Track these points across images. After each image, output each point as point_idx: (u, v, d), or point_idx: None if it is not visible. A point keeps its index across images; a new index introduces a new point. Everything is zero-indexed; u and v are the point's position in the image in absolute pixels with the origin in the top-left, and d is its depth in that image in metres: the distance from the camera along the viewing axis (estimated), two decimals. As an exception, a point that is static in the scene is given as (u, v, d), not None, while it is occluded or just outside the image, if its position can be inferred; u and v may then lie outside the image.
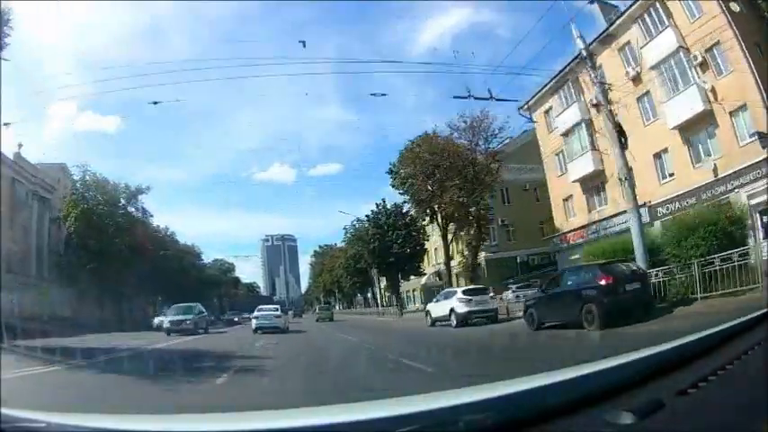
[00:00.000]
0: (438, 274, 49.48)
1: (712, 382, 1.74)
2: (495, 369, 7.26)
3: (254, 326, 23.98)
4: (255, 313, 25.44)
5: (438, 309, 21.65)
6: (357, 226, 49.03)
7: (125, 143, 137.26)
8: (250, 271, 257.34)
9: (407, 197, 36.78)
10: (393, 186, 36.98)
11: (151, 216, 46.78)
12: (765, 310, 2.57)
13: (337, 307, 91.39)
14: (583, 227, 30.75)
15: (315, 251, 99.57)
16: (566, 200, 33.03)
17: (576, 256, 32.60)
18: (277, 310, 26.69)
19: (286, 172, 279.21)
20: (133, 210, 44.40)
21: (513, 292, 30.88)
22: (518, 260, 41.29)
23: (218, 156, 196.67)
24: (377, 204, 44.73)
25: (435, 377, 7.01)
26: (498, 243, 42.13)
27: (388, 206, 43.94)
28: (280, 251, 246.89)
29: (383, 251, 42.04)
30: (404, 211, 43.03)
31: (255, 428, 1.61)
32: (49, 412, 1.68)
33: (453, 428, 1.40)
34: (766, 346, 2.19)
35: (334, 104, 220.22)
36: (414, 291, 58.66)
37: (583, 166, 29.93)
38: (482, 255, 40.80)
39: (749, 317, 2.55)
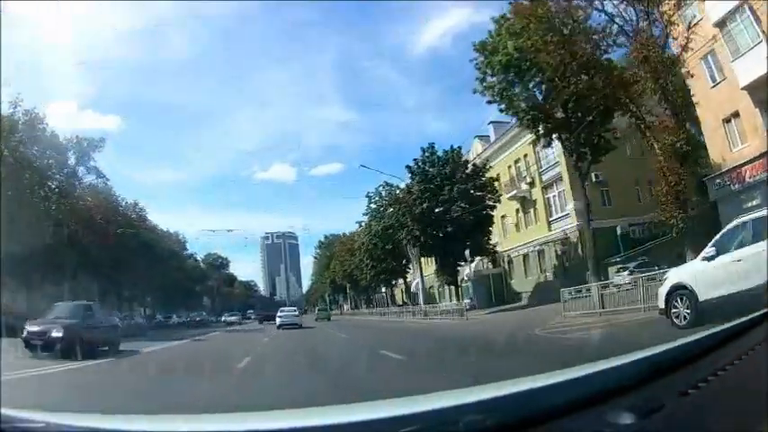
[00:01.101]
0: (493, 258, 36.35)
1: (712, 382, 1.71)
2: None
3: (277, 323, 29.54)
4: (279, 313, 32.08)
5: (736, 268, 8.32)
6: (383, 193, 37.07)
7: (125, 143, 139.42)
8: (251, 270, 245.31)
9: (505, 101, 21.09)
10: (481, 82, 21.15)
11: (107, 180, 35.23)
12: (765, 310, 2.48)
13: (346, 306, 78.98)
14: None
15: (320, 241, 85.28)
16: (727, 120, 21.96)
17: (755, 202, 21.18)
18: (295, 311, 34.16)
19: (287, 171, 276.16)
20: (83, 170, 33.09)
21: (631, 272, 21.72)
22: (618, 232, 29.73)
23: (218, 156, 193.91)
24: (423, 149, 30.93)
25: None
26: (593, 209, 30.59)
27: (439, 152, 30.40)
28: (280, 249, 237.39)
29: (435, 218, 28.69)
30: (463, 159, 30.95)
31: (255, 428, 1.58)
32: (49, 412, 1.65)
33: (454, 428, 1.37)
34: (766, 346, 2.14)
35: (335, 104, 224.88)
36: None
37: (758, 62, 19.32)
38: (572, 223, 29.48)
39: (749, 317, 2.48)
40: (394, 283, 50.69)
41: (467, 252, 29.09)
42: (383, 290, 59.37)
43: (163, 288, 44.66)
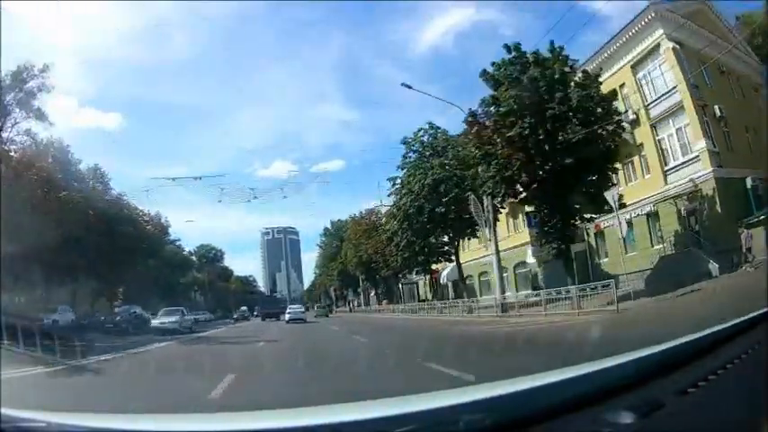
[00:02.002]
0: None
1: (712, 382, 1.69)
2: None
3: (286, 318, 34.26)
4: (288, 310, 37.05)
5: None
6: (426, 138, 27.64)
7: (126, 141, 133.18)
8: (252, 267, 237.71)
9: None
10: None
11: (51, 124, 26.82)
12: (765, 310, 2.44)
13: (357, 302, 69.75)
14: None
15: (325, 228, 75.03)
16: None
17: None
18: (302, 308, 39.97)
19: (288, 168, 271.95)
20: (25, 114, 25.06)
21: None
22: (748, 185, 21.18)
23: (219, 154, 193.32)
24: (507, 48, 19.51)
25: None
26: (720, 152, 21.85)
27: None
28: (281, 245, 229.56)
29: (541, 144, 17.63)
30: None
31: (255, 428, 1.57)
32: (49, 412, 1.62)
33: (453, 428, 1.36)
34: (766, 345, 2.11)
35: (336, 102, 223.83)
36: (517, 267, 32.08)
37: None
38: (704, 169, 20.96)
39: (749, 316, 2.44)
40: (428, 268, 36.34)
41: (611, 194, 16.86)
42: (401, 283, 49.89)
43: (134, 278, 36.03)
